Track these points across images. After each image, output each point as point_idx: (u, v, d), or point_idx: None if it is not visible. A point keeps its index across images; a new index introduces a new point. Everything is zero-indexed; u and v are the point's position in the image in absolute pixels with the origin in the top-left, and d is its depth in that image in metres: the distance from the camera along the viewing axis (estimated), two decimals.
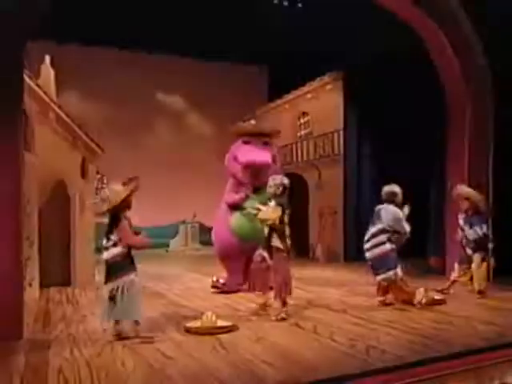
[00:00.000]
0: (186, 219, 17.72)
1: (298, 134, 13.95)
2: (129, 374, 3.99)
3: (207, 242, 12.19)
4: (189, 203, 16.81)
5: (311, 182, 13.33)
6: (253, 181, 7.99)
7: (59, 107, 8.37)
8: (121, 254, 5.13)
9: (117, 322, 5.14)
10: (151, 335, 5.08)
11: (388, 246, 6.41)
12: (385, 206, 6.61)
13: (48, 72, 8.60)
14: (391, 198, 6.58)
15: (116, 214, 5.20)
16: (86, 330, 5.54)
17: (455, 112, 9.05)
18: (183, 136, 17.81)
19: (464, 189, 7.58)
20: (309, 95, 13.21)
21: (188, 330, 5.32)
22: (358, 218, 12.42)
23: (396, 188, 6.64)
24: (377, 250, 6.47)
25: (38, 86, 7.74)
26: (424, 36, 8.87)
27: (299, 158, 13.61)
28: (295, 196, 13.53)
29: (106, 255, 5.14)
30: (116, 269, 5.13)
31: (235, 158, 8.10)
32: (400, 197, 6.60)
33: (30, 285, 7.70)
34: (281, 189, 6.10)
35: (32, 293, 7.70)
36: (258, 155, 7.93)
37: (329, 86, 12.68)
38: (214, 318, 5.45)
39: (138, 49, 16.24)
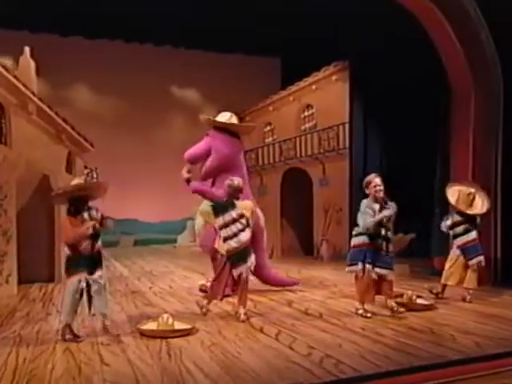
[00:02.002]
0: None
1: (302, 128, 13.45)
2: (51, 382, 3.70)
3: None
4: (198, 199, 16.58)
5: (315, 178, 12.84)
6: None
7: (40, 100, 8.15)
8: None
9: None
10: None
11: (354, 239, 5.82)
12: None
13: (27, 63, 8.41)
14: (364, 189, 5.88)
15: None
16: (40, 329, 5.31)
17: (460, 102, 8.47)
18: (197, 130, 17.55)
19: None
20: (313, 86, 12.71)
21: (142, 333, 5.02)
22: None
23: (367, 177, 5.89)
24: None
25: (15, 77, 7.53)
26: (427, 24, 8.30)
27: (303, 153, 13.11)
28: (299, 192, 13.32)
29: None
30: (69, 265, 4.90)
31: None
32: (371, 187, 5.71)
33: (7, 281, 7.58)
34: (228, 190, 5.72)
35: (9, 289, 7.58)
36: None
37: (334, 77, 12.17)
38: (170, 320, 5.13)
39: (152, 42, 16.12)
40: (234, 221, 5.53)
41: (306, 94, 13.12)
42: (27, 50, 8.61)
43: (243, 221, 5.53)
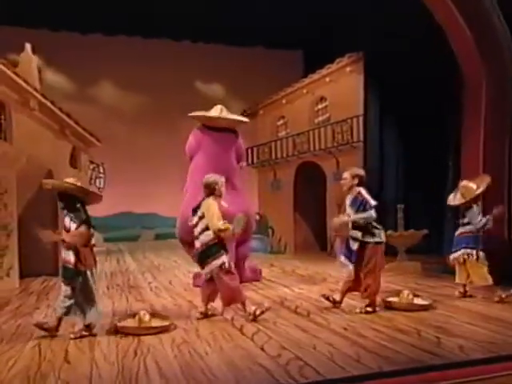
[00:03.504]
0: None
1: (316, 121, 13.17)
2: (5, 380, 3.67)
3: None
4: None
5: (329, 172, 12.54)
6: None
7: (43, 95, 8.20)
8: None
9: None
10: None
11: None
12: None
13: (29, 60, 8.46)
14: None
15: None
16: (22, 324, 5.34)
17: (471, 90, 8.04)
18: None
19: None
20: (327, 79, 12.38)
21: (118, 330, 4.96)
22: (380, 209, 11.61)
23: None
24: None
25: (16, 74, 7.60)
26: (433, 9, 7.90)
27: (316, 146, 12.82)
28: (312, 186, 13.04)
29: None
30: None
31: None
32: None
33: (8, 274, 7.70)
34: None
35: (10, 282, 7.70)
36: None
37: (348, 68, 11.81)
38: (147, 317, 5.05)
39: (170, 37, 16.11)
40: (200, 220, 5.40)
41: (320, 87, 12.81)
42: (28, 46, 8.68)
43: (204, 221, 5.36)
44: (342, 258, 5.85)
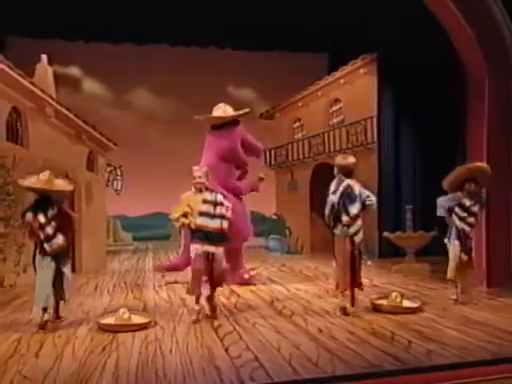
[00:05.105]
0: None
1: (331, 123, 13.11)
2: None
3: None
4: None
5: None
6: None
7: (58, 103, 8.58)
8: None
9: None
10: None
11: None
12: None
13: (44, 70, 8.90)
14: None
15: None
16: (18, 318, 5.65)
17: (474, 89, 7.79)
18: (255, 128, 17.56)
19: None
20: (341, 81, 12.30)
21: (99, 327, 5.16)
22: (395, 210, 11.46)
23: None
24: None
25: (32, 83, 7.97)
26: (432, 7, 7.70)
27: (331, 148, 12.76)
28: (328, 187, 12.89)
29: None
30: None
31: None
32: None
33: (25, 270, 8.10)
34: None
35: (26, 278, 8.08)
36: None
37: (362, 70, 11.70)
38: (126, 315, 5.22)
39: (196, 45, 16.29)
40: None
41: (334, 89, 12.76)
42: (44, 57, 9.12)
43: None
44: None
